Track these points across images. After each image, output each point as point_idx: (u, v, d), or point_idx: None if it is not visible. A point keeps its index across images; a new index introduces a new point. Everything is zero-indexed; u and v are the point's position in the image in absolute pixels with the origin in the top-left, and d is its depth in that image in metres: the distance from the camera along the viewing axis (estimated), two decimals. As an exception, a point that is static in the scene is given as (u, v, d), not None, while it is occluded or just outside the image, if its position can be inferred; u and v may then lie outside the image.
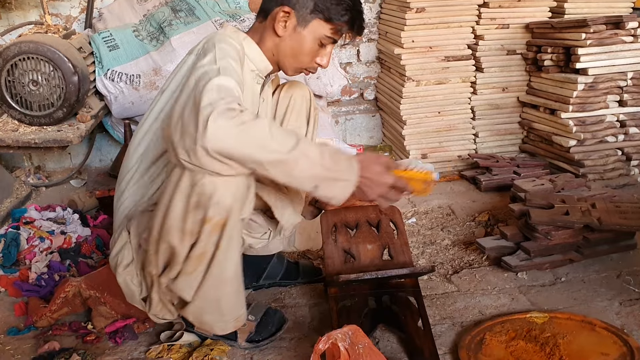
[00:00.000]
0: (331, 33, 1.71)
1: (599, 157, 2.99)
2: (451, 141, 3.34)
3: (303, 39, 1.71)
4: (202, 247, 1.52)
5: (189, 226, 1.50)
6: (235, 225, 1.53)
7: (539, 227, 2.16)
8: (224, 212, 1.48)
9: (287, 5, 1.68)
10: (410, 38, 3.24)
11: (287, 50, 1.74)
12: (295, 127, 2.04)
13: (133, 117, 3.19)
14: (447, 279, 2.18)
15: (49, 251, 2.43)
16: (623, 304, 1.95)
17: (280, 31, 1.71)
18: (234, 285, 1.63)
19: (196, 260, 1.54)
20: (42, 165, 3.55)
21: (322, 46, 1.74)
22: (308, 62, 1.77)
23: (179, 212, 1.49)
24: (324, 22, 1.69)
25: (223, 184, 1.45)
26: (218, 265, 1.55)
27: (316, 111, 2.11)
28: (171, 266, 1.57)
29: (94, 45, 3.07)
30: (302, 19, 1.69)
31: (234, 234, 1.55)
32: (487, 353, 1.70)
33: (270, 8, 1.72)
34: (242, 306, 1.71)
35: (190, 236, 1.51)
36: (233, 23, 3.10)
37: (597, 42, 2.91)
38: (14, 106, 2.76)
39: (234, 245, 1.57)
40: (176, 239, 1.52)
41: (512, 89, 3.38)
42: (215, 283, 1.58)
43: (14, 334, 1.94)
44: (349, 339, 1.46)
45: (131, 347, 1.85)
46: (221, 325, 1.69)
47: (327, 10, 1.68)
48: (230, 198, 1.47)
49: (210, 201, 1.45)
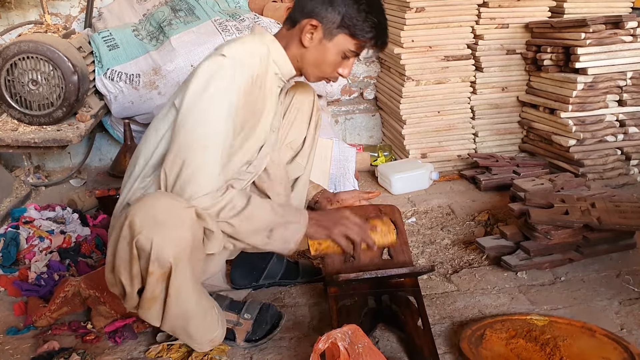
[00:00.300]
0: (355, 48, 1.74)
1: (599, 157, 2.99)
2: (451, 141, 3.34)
3: (327, 51, 1.74)
4: (151, 292, 1.54)
5: (136, 271, 1.52)
6: (184, 273, 1.53)
7: (539, 227, 2.16)
8: (165, 267, 1.49)
9: (315, 19, 1.70)
10: (410, 38, 3.24)
11: (310, 60, 1.77)
12: (297, 128, 2.05)
13: (133, 117, 3.19)
14: (447, 279, 2.18)
15: (49, 251, 2.43)
16: (623, 303, 1.95)
17: (306, 42, 1.74)
18: (199, 318, 1.66)
19: (149, 302, 1.56)
20: (42, 165, 3.55)
21: (345, 58, 1.77)
22: (330, 72, 1.80)
23: (125, 257, 1.52)
24: (349, 37, 1.72)
25: (160, 241, 1.46)
26: (174, 307, 1.57)
27: (319, 113, 2.12)
28: (126, 299, 1.59)
29: (93, 45, 3.07)
30: (328, 32, 1.71)
31: (184, 281, 1.55)
32: (487, 347, 1.70)
33: (298, 18, 1.74)
34: (215, 330, 1.73)
35: (138, 279, 1.53)
36: (233, 22, 3.10)
37: (596, 41, 2.91)
38: (14, 105, 2.76)
39: (187, 289, 1.57)
40: (125, 280, 1.54)
41: (512, 89, 3.38)
42: (176, 318, 1.61)
43: (13, 334, 1.93)
44: (349, 339, 1.46)
45: (131, 346, 1.85)
46: (196, 346, 1.74)
47: (353, 26, 1.70)
48: (170, 254, 1.48)
49: (149, 257, 1.47)
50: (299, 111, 2.06)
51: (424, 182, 3.06)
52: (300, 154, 2.10)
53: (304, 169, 2.11)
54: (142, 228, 1.46)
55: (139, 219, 1.47)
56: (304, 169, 2.11)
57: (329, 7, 1.69)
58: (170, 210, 1.49)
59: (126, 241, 1.49)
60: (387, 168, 3.12)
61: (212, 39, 3.02)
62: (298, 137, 2.09)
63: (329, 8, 1.69)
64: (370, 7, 1.71)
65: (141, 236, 1.46)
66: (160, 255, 1.47)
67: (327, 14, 1.70)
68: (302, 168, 2.10)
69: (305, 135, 2.09)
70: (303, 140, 2.09)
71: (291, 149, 2.09)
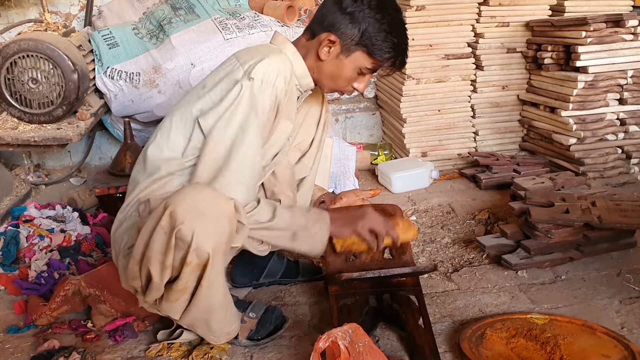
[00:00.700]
0: (372, 66, 1.73)
1: (599, 156, 2.99)
2: (451, 139, 3.34)
3: (343, 67, 1.73)
4: (184, 283, 1.54)
5: (169, 262, 1.51)
6: (219, 265, 1.55)
7: (539, 226, 2.16)
8: (203, 258, 1.50)
9: (334, 34, 1.69)
10: (410, 36, 3.16)
11: (327, 73, 1.77)
12: (306, 129, 2.05)
13: (133, 115, 3.19)
14: (447, 277, 2.18)
15: (49, 249, 2.43)
16: (623, 302, 1.95)
17: (323, 56, 1.73)
18: (222, 312, 1.67)
19: (178, 293, 1.56)
20: (42, 163, 3.55)
21: (361, 74, 1.76)
22: (344, 86, 1.80)
23: (160, 248, 1.51)
24: (366, 55, 1.70)
25: (202, 231, 1.47)
26: (202, 299, 1.58)
27: (328, 114, 2.11)
28: (151, 290, 1.58)
29: (93, 43, 3.07)
30: (346, 48, 1.70)
31: (218, 273, 1.56)
32: (488, 347, 1.70)
33: (318, 31, 1.74)
34: (233, 323, 1.75)
35: (170, 270, 1.52)
36: (233, 21, 3.10)
37: (597, 40, 2.91)
38: (14, 104, 2.76)
39: (219, 281, 1.59)
40: (155, 270, 1.53)
41: (512, 87, 3.38)
42: (201, 311, 1.62)
43: (13, 332, 1.93)
44: (349, 338, 1.45)
45: (131, 345, 1.85)
46: (212, 339, 1.75)
47: (372, 45, 1.68)
48: (210, 244, 1.48)
49: (189, 247, 1.47)
50: (307, 113, 2.05)
51: (424, 181, 3.06)
52: (307, 155, 2.09)
53: (309, 170, 2.10)
54: (184, 218, 1.45)
55: (181, 209, 1.46)
56: (310, 169, 2.10)
57: (349, 22, 1.68)
58: (212, 201, 1.50)
59: (164, 231, 1.48)
60: (388, 167, 3.12)
61: (212, 37, 3.01)
62: (306, 139, 2.08)
63: (349, 24, 1.68)
64: (391, 27, 1.68)
65: (183, 226, 1.45)
66: (201, 245, 1.47)
67: (346, 30, 1.68)
68: (307, 169, 2.10)
69: (313, 137, 2.09)
70: (311, 141, 2.09)
71: (299, 150, 2.08)
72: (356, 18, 1.67)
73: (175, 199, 1.49)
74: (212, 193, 1.53)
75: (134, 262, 1.58)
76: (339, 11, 1.69)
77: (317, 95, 2.04)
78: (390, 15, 1.69)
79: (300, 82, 1.79)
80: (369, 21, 1.66)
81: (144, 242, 1.54)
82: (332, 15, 1.70)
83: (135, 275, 1.60)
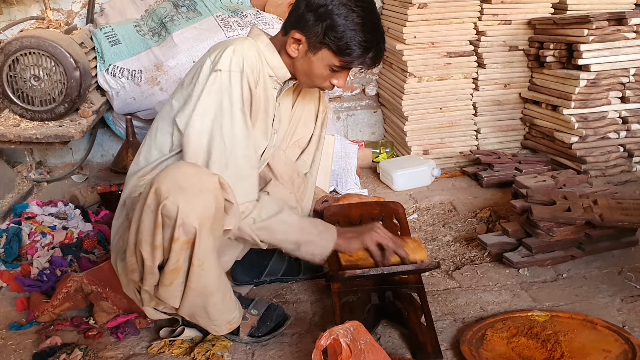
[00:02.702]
0: (340, 63, 1.70)
1: (601, 154, 2.99)
2: (453, 137, 3.34)
3: (313, 64, 1.71)
4: (174, 263, 1.53)
5: (159, 241, 1.51)
6: (207, 242, 1.53)
7: (541, 224, 2.15)
8: (190, 233, 1.49)
9: (299, 32, 1.68)
10: (412, 34, 3.24)
11: (299, 70, 1.76)
12: (304, 125, 2.05)
13: (135, 113, 3.19)
14: (449, 275, 2.18)
15: (51, 246, 2.43)
16: (624, 300, 1.95)
17: (292, 53, 1.73)
18: (219, 295, 1.65)
19: (171, 274, 1.55)
20: (44, 161, 3.55)
21: (335, 71, 1.73)
22: (321, 83, 1.78)
23: (148, 227, 1.51)
24: (332, 53, 1.67)
25: (186, 205, 1.46)
26: (195, 280, 1.57)
27: (325, 111, 2.11)
28: (145, 277, 1.58)
29: (95, 41, 3.07)
30: (312, 46, 1.68)
31: (207, 250, 1.55)
32: (488, 348, 1.70)
33: (288, 28, 1.73)
34: (233, 311, 1.73)
35: (160, 250, 1.52)
36: (234, 18, 3.10)
37: (599, 38, 2.90)
38: (16, 101, 2.76)
39: (210, 260, 1.57)
40: (146, 252, 1.53)
41: (514, 85, 3.37)
42: (197, 294, 1.60)
43: (15, 329, 1.94)
44: (351, 335, 1.45)
45: (133, 342, 1.85)
46: (214, 328, 1.74)
47: (336, 43, 1.64)
48: (195, 219, 1.47)
49: (175, 222, 1.47)
50: (304, 109, 2.05)
51: (425, 179, 3.05)
52: (305, 152, 2.09)
53: (309, 167, 2.10)
54: (168, 193, 1.46)
55: (164, 185, 1.47)
56: (310, 166, 2.11)
57: (314, 20, 1.65)
58: (194, 176, 1.51)
59: (150, 209, 1.49)
60: (389, 164, 3.12)
61: (214, 35, 3.01)
62: (305, 135, 2.08)
63: (313, 21, 1.65)
64: (357, 25, 1.63)
65: (167, 201, 1.46)
66: (186, 220, 1.46)
67: (311, 27, 1.66)
68: (307, 165, 2.10)
69: (312, 133, 2.08)
70: (310, 137, 2.09)
71: (298, 147, 2.09)
72: (320, 15, 1.63)
73: (159, 176, 1.50)
74: (194, 168, 1.54)
75: (130, 253, 1.59)
76: (305, 8, 1.67)
77: (313, 90, 2.04)
78: (356, 12, 1.63)
79: (276, 73, 1.77)
80: (332, 18, 1.62)
81: (135, 226, 1.54)
82: (299, 12, 1.68)
83: (133, 267, 1.60)
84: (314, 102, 2.06)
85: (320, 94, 2.08)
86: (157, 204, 1.47)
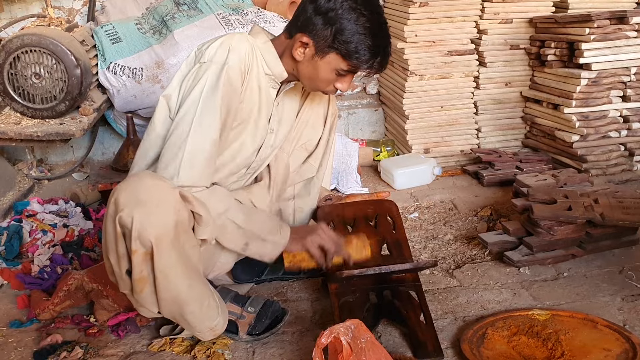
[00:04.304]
0: (348, 67, 1.69)
1: (602, 153, 2.99)
2: (454, 136, 3.34)
3: (319, 68, 1.70)
4: (139, 273, 1.52)
5: (121, 251, 1.51)
6: (168, 255, 1.51)
7: (542, 222, 2.15)
8: (147, 246, 1.48)
9: (307, 35, 1.66)
10: (414, 32, 3.23)
11: (304, 74, 1.75)
12: (312, 128, 2.04)
13: (135, 111, 3.19)
14: (450, 274, 2.18)
15: (52, 244, 2.44)
16: (625, 299, 1.95)
17: (297, 57, 1.71)
18: (195, 305, 1.62)
19: (139, 283, 1.54)
20: (45, 159, 3.55)
21: (340, 75, 1.72)
22: (324, 87, 1.76)
23: (111, 236, 1.51)
24: (341, 57, 1.66)
25: (142, 218, 1.45)
26: (164, 291, 1.55)
27: (335, 116, 2.09)
28: (118, 282, 1.58)
29: (96, 38, 3.07)
30: (319, 49, 1.67)
31: (170, 263, 1.52)
32: (489, 347, 1.70)
33: (293, 31, 1.71)
34: (214, 318, 1.69)
35: (125, 259, 1.52)
36: (235, 17, 3.10)
37: (600, 37, 2.90)
38: (17, 99, 2.76)
39: (175, 272, 1.54)
40: (113, 259, 1.54)
41: (515, 84, 3.37)
42: (170, 304, 1.59)
43: (16, 327, 1.94)
44: (352, 333, 1.46)
45: (133, 340, 1.85)
46: (198, 334, 1.71)
47: (345, 47, 1.63)
48: (152, 232, 1.46)
49: (131, 234, 1.46)
50: (313, 111, 2.03)
51: (426, 177, 3.05)
52: (313, 155, 2.08)
53: (316, 171, 2.09)
54: (124, 205, 1.46)
55: (122, 197, 1.47)
56: (317, 170, 2.09)
57: (322, 23, 1.63)
58: (153, 189, 1.49)
59: (111, 219, 1.49)
60: (390, 163, 3.12)
61: (215, 33, 3.01)
62: (313, 138, 2.07)
63: (322, 25, 1.63)
64: (366, 29, 1.62)
65: (123, 213, 1.45)
66: (142, 233, 1.46)
67: (319, 31, 1.64)
68: (314, 169, 2.08)
69: (320, 136, 2.07)
70: (317, 141, 2.08)
71: (305, 150, 2.07)
72: (329, 19, 1.62)
73: (120, 187, 1.50)
74: (153, 181, 1.52)
75: (105, 257, 1.59)
76: (314, 11, 1.65)
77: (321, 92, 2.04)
78: (366, 16, 1.62)
79: (272, 71, 1.76)
80: (342, 22, 1.61)
81: (104, 234, 1.55)
82: (306, 16, 1.66)
83: (109, 270, 1.61)
84: (323, 105, 2.04)
85: (330, 97, 2.05)
86: (115, 214, 1.47)
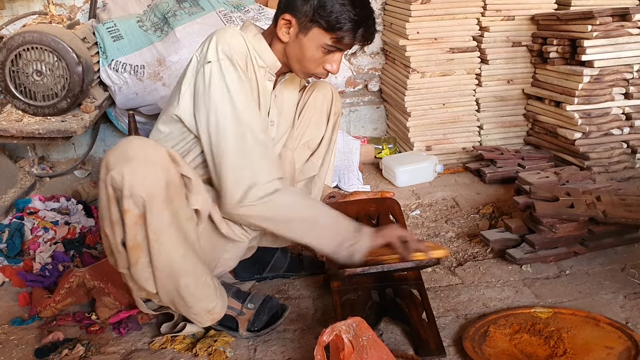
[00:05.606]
0: (332, 42, 1.66)
1: (604, 150, 2.98)
2: (456, 133, 3.33)
3: (305, 47, 1.68)
4: (133, 238, 1.52)
5: (115, 216, 1.51)
6: (160, 214, 1.50)
7: (544, 220, 2.15)
8: (140, 204, 1.47)
9: (288, 13, 1.66)
10: (415, 29, 3.23)
11: (292, 56, 1.73)
12: (315, 127, 2.03)
13: (137, 108, 3.18)
14: (451, 272, 2.18)
15: (53, 242, 2.44)
16: (627, 297, 1.94)
17: (283, 38, 1.70)
18: (190, 278, 1.60)
19: (134, 251, 1.54)
20: (46, 156, 3.55)
21: (328, 53, 1.70)
22: (314, 68, 1.74)
23: (104, 202, 1.52)
24: (323, 30, 1.65)
25: (132, 175, 1.46)
26: (158, 258, 1.54)
27: (338, 115, 2.09)
28: (115, 257, 1.58)
29: (98, 36, 3.06)
30: (302, 26, 1.66)
31: (163, 224, 1.51)
32: (491, 345, 1.70)
33: (277, 14, 1.72)
34: (212, 299, 1.68)
35: (118, 226, 1.52)
36: (237, 14, 3.09)
37: (603, 34, 2.89)
38: (18, 96, 2.76)
39: (168, 235, 1.53)
40: (108, 229, 1.54)
41: (517, 81, 3.37)
42: (166, 275, 1.57)
43: (18, 324, 1.94)
44: (353, 331, 1.45)
45: (135, 337, 1.85)
46: (195, 317, 1.69)
47: (326, 20, 1.62)
48: (142, 189, 1.46)
49: (122, 193, 1.46)
50: (316, 110, 2.03)
51: (428, 175, 3.05)
52: (316, 154, 2.07)
53: (318, 169, 2.09)
54: (114, 165, 1.46)
55: (112, 157, 1.48)
56: (319, 168, 2.09)
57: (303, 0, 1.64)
58: (140, 147, 1.50)
59: (104, 184, 1.49)
60: (392, 160, 3.11)
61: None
62: (316, 137, 2.07)
63: (302, 1, 1.63)
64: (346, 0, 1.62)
65: (113, 172, 1.46)
66: (134, 191, 1.46)
67: (300, 7, 1.64)
68: (316, 167, 2.08)
69: (323, 135, 2.07)
70: (320, 139, 2.07)
71: (308, 148, 2.07)
72: None
73: (110, 151, 1.51)
74: (142, 141, 1.53)
75: (102, 236, 1.59)
76: None
77: (325, 90, 2.03)
78: None
79: (265, 62, 1.75)
80: None
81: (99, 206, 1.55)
82: None
83: (107, 250, 1.60)
84: (326, 104, 2.04)
85: (333, 97, 2.06)
86: (106, 173, 1.48)
